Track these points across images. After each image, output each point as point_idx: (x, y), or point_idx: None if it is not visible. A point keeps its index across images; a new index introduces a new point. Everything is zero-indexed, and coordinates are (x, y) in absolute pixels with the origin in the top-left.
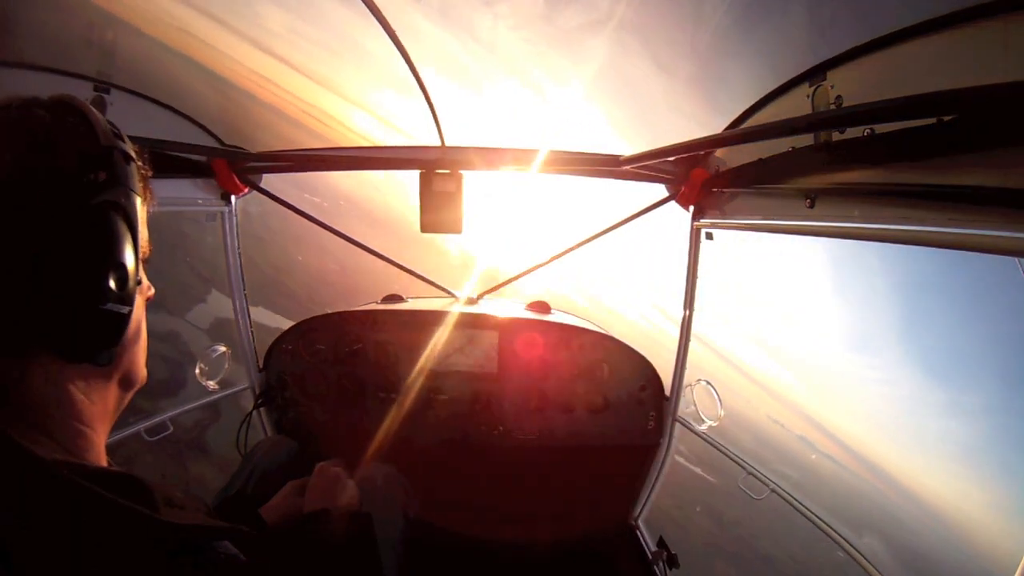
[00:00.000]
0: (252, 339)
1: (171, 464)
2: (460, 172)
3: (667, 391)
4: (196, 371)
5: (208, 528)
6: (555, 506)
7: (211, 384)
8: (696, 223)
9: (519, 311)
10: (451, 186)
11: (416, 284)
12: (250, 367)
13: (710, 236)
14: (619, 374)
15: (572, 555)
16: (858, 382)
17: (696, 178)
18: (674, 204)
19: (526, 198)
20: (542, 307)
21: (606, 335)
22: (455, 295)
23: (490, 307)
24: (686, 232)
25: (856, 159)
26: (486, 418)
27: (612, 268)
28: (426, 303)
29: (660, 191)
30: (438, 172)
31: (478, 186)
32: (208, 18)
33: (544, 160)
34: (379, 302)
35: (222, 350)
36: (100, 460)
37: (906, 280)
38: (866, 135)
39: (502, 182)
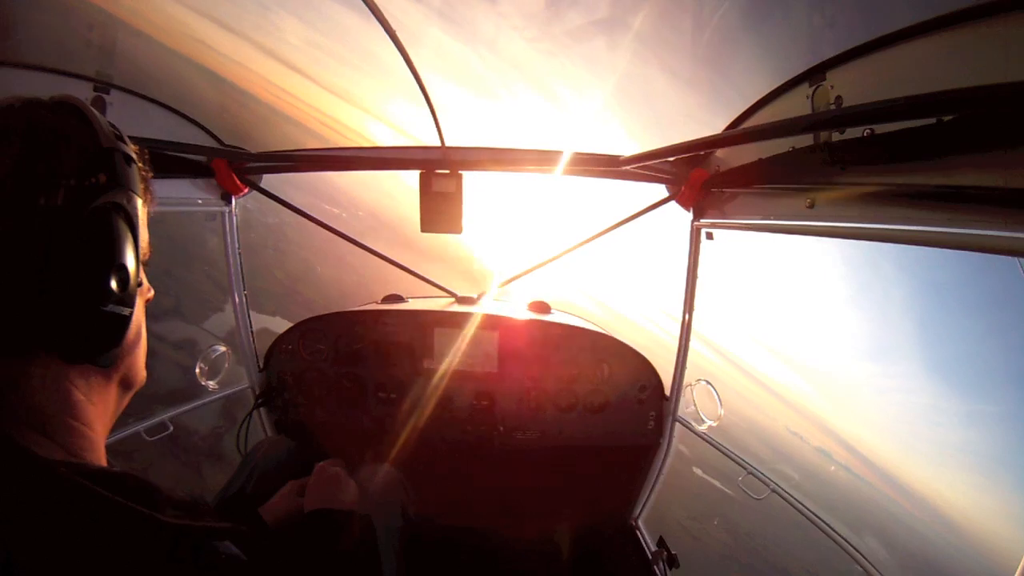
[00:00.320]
0: (252, 339)
1: (186, 471)
2: (460, 172)
3: (667, 391)
4: (196, 371)
5: (208, 528)
6: (555, 506)
7: (211, 384)
8: (696, 223)
9: (519, 311)
10: (451, 186)
11: (420, 286)
12: (250, 367)
13: (710, 236)
14: (619, 374)
15: (572, 555)
16: (875, 391)
17: (696, 178)
18: (674, 204)
19: (526, 198)
20: (542, 307)
21: (606, 335)
22: (455, 295)
23: (490, 307)
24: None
25: (856, 159)
26: (486, 418)
27: (624, 275)
28: (426, 303)
29: (660, 191)
30: (438, 172)
31: (478, 186)
32: (227, 31)
33: (544, 160)
34: (379, 302)
35: (222, 350)
36: (100, 460)
37: (922, 287)
38: (866, 135)
39: (503, 182)
